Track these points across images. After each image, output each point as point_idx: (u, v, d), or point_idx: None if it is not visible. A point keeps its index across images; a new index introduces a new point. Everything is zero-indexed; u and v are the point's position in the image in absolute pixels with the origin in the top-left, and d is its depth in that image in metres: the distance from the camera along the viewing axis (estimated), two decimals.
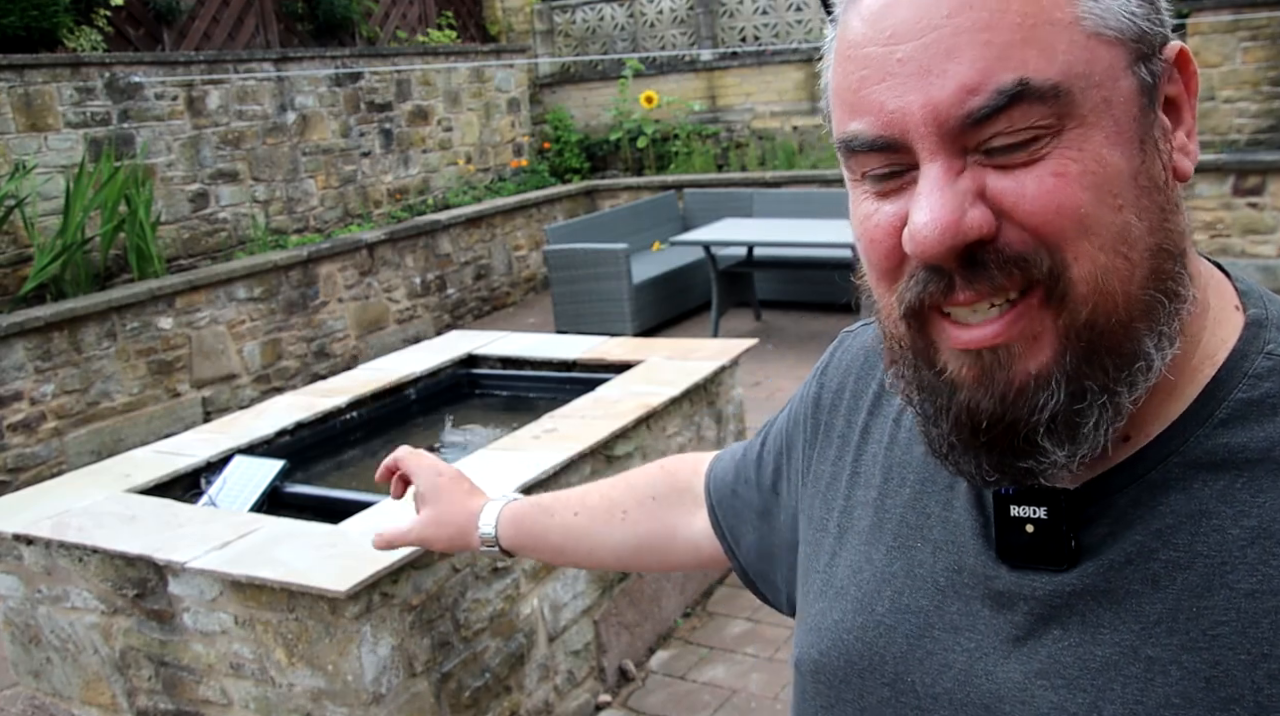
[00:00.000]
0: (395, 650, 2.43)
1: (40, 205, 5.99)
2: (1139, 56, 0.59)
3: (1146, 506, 0.61)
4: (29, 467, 5.37)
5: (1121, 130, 0.58)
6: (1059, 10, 0.57)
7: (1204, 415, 0.61)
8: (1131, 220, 0.58)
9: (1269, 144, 7.41)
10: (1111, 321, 0.58)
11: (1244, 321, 0.64)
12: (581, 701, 3.09)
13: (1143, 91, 0.59)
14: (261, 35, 7.99)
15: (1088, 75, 0.57)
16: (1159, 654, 0.58)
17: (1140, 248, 0.58)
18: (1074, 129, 0.57)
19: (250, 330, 6.62)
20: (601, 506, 1.15)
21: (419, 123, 8.75)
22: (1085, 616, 0.61)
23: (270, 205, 7.44)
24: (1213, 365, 0.62)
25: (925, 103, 0.57)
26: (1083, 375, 0.58)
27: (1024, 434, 0.60)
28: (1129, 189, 0.58)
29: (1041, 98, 0.56)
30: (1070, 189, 0.57)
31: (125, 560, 2.64)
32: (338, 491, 3.24)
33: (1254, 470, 0.59)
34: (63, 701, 2.98)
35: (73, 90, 6.22)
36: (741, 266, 7.32)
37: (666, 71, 10.01)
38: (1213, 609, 0.57)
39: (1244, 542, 0.57)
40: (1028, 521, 0.64)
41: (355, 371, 4.24)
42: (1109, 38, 0.58)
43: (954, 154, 0.58)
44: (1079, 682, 0.61)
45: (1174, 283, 0.60)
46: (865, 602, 0.73)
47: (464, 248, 8.44)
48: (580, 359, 4.05)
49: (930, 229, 0.57)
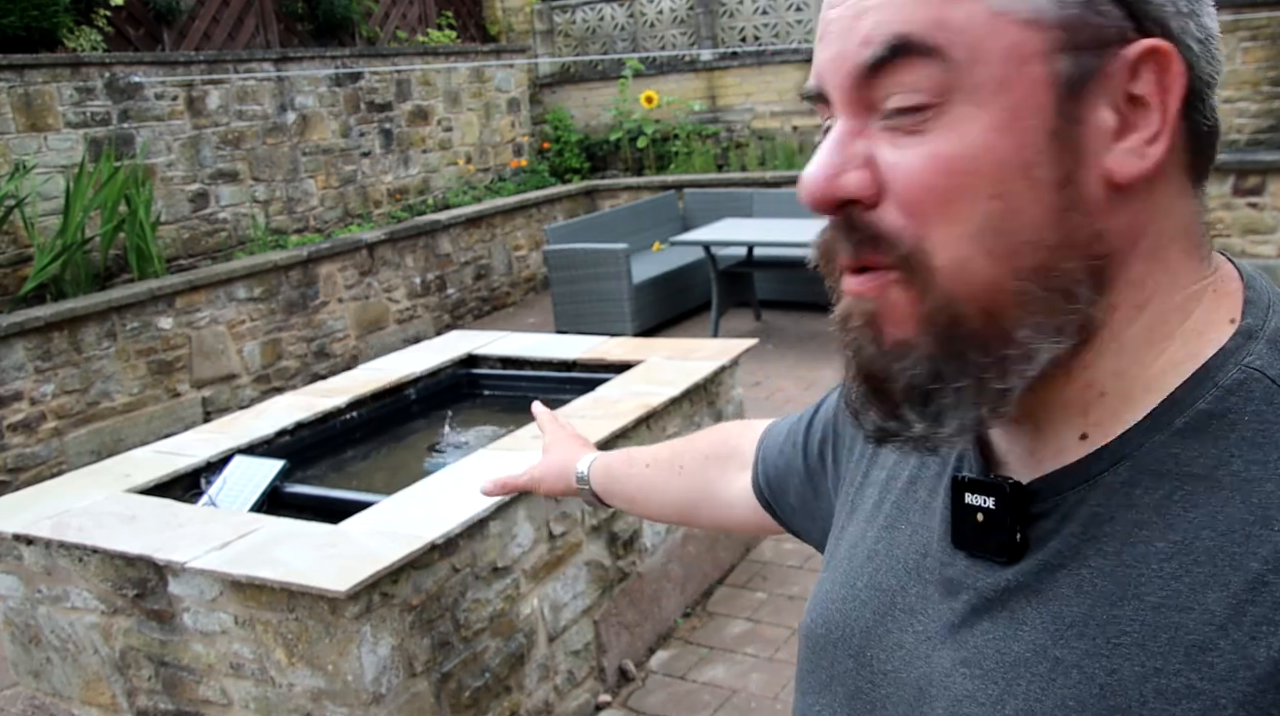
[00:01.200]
0: (395, 650, 2.43)
1: (40, 205, 5.99)
2: (1064, 46, 0.57)
3: (1090, 509, 0.60)
4: (29, 467, 5.37)
5: (1019, 118, 0.57)
6: None
7: (1163, 423, 0.59)
8: (1004, 212, 0.57)
9: (1269, 144, 7.41)
10: (972, 310, 0.58)
11: (1232, 332, 0.61)
12: (581, 701, 3.09)
13: (1060, 82, 0.57)
14: (261, 35, 7.99)
15: (979, 49, 0.56)
16: (1065, 656, 0.59)
17: (1014, 240, 0.57)
18: (962, 106, 0.57)
19: (250, 330, 6.62)
20: (667, 460, 1.23)
21: (419, 123, 8.75)
22: (1014, 612, 0.62)
23: (270, 205, 7.44)
24: (1179, 375, 0.60)
25: (836, 54, 0.61)
26: (940, 357, 0.59)
27: (888, 393, 0.62)
28: (1014, 179, 0.57)
29: (924, 55, 0.57)
30: (942, 173, 0.57)
31: (125, 560, 2.64)
32: (338, 491, 3.24)
33: (1195, 484, 0.57)
34: (63, 701, 2.98)
35: (73, 90, 6.22)
36: (741, 266, 7.32)
37: (666, 71, 10.01)
38: (1120, 618, 0.57)
39: (1164, 556, 0.57)
40: (978, 510, 0.65)
41: (355, 371, 4.24)
42: (1020, 18, 0.56)
43: (858, 112, 0.60)
44: (993, 675, 0.62)
45: (1068, 283, 0.58)
46: (851, 577, 0.76)
47: (464, 248, 8.44)
48: (580, 359, 4.05)
49: (809, 179, 0.61)
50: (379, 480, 3.48)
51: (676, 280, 7.62)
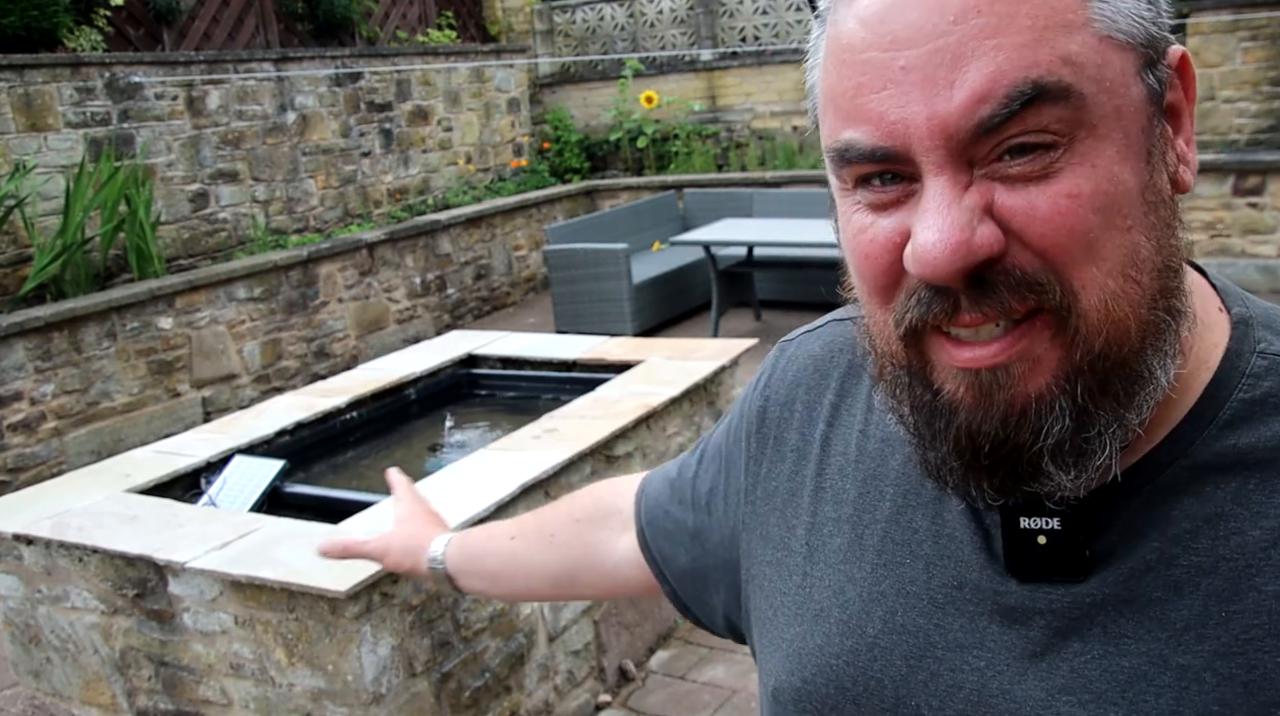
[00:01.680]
0: (395, 650, 2.43)
1: (40, 205, 5.99)
2: (1147, 62, 0.56)
3: (1159, 512, 0.60)
4: (29, 467, 5.37)
5: (1131, 143, 0.55)
6: (1071, 12, 0.53)
7: (1207, 418, 0.60)
8: (1140, 241, 0.56)
9: (1269, 144, 7.41)
10: (1124, 350, 0.56)
11: (1230, 322, 0.63)
12: (581, 701, 3.09)
13: (1151, 99, 0.56)
14: (261, 35, 7.99)
15: (1100, 80, 0.54)
16: (1191, 661, 0.57)
17: (1148, 268, 0.56)
18: (1086, 140, 0.54)
19: (250, 330, 6.62)
20: (535, 530, 1.13)
21: (419, 123, 8.75)
22: (1107, 627, 0.59)
23: (270, 205, 7.44)
24: (1208, 369, 0.61)
25: (931, 114, 0.54)
26: (1093, 403, 0.56)
27: (1028, 458, 0.57)
28: (1138, 207, 0.56)
29: (1055, 100, 0.53)
30: (1083, 211, 0.54)
31: (125, 560, 2.64)
32: (338, 491, 3.24)
33: (1265, 471, 0.58)
34: (63, 701, 2.98)
35: (73, 90, 6.22)
36: (741, 266, 7.32)
37: (666, 71, 10.01)
38: (1243, 612, 0.56)
39: (1266, 544, 0.56)
40: (1039, 532, 0.62)
41: (355, 371, 4.24)
42: (1120, 41, 0.55)
43: (960, 167, 0.55)
44: (1108, 696, 0.58)
45: (1176, 300, 0.58)
46: (853, 624, 0.69)
47: (464, 248, 8.44)
48: (580, 359, 4.05)
49: (939, 249, 0.54)
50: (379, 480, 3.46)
51: (676, 280, 7.62)
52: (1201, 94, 7.56)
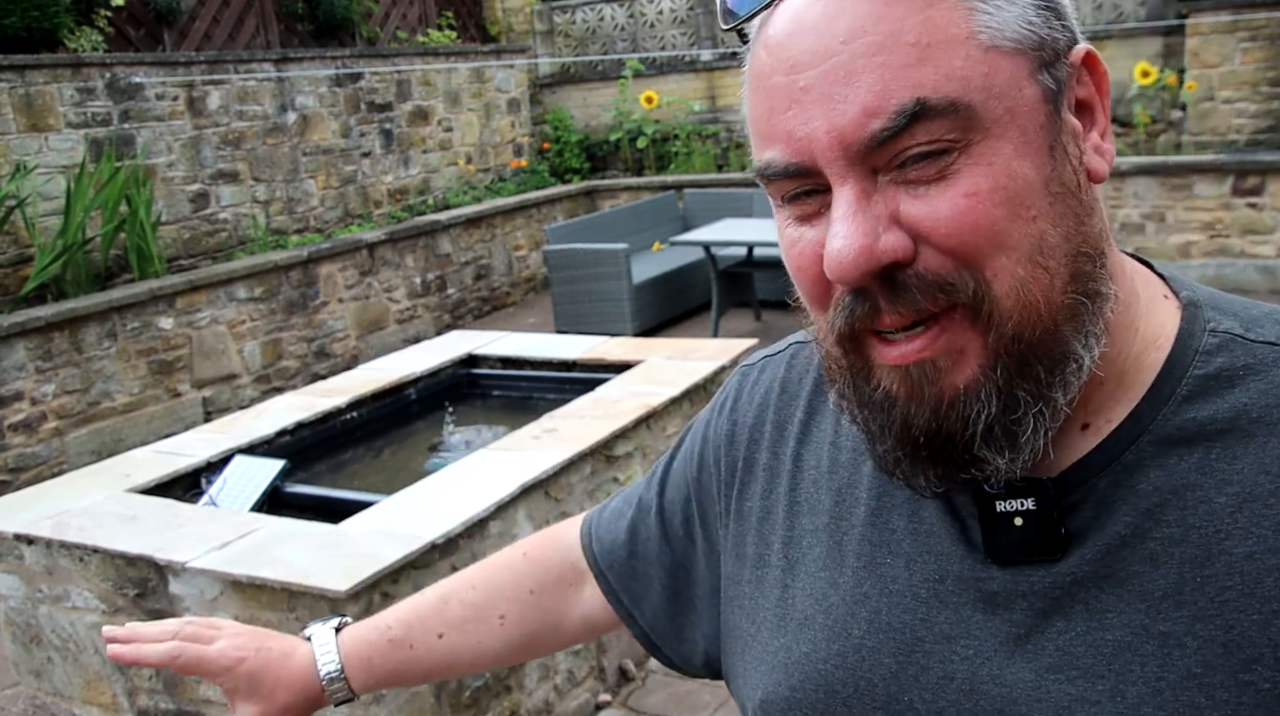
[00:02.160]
0: None
1: (41, 205, 6.00)
2: (1041, 64, 0.59)
3: (1127, 487, 0.62)
4: (30, 467, 5.38)
5: (1029, 139, 0.58)
6: (954, 27, 0.57)
7: (1165, 395, 0.62)
8: (1046, 229, 0.59)
9: (1268, 144, 7.41)
10: (1038, 331, 0.59)
11: (1179, 304, 0.66)
12: (581, 701, 3.10)
13: (1047, 98, 0.60)
14: (262, 35, 7.99)
15: (988, 88, 0.57)
16: (1171, 628, 0.59)
17: (1058, 254, 0.59)
18: (981, 143, 0.57)
19: (250, 330, 6.63)
20: (470, 617, 1.00)
21: (419, 123, 8.76)
22: (1089, 603, 0.62)
23: (270, 205, 7.44)
24: (1158, 349, 0.64)
25: (830, 128, 0.58)
26: (1016, 386, 0.59)
27: (961, 445, 0.61)
28: (1041, 198, 0.59)
29: (942, 114, 0.56)
30: (983, 207, 0.57)
31: (126, 560, 2.64)
32: (338, 491, 3.25)
33: (1225, 439, 0.60)
34: (64, 701, 2.99)
35: (73, 90, 6.23)
36: (741, 266, 7.32)
37: (666, 71, 10.02)
38: (1216, 576, 0.58)
39: (1232, 509, 0.59)
40: (1016, 514, 0.64)
41: (355, 371, 4.24)
42: (1008, 49, 0.58)
43: (864, 176, 0.58)
44: (1095, 670, 0.60)
45: (1094, 283, 0.61)
46: (839, 629, 0.71)
47: (464, 248, 8.45)
48: (580, 359, 4.05)
49: (845, 254, 0.58)
50: (379, 480, 3.48)
51: (676, 280, 7.62)
52: (1201, 94, 7.56)
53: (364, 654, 0.98)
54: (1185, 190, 7.28)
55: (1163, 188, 7.35)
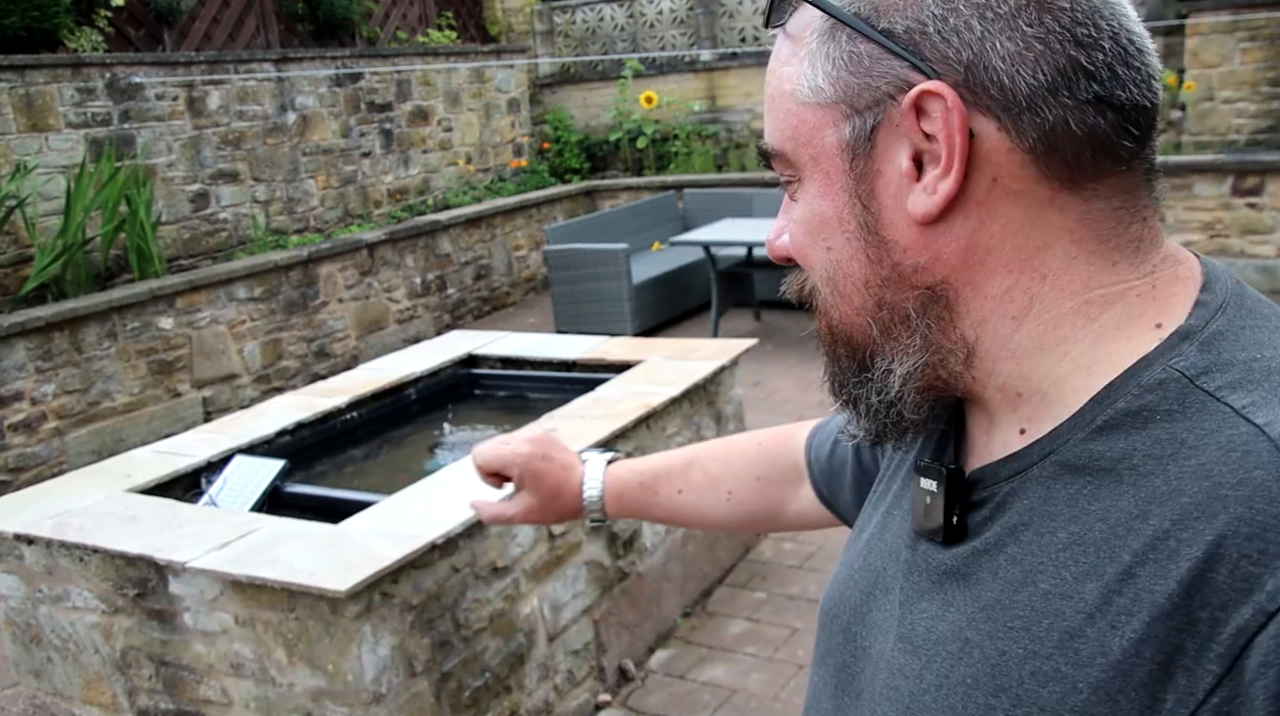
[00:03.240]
0: (395, 650, 2.43)
1: (41, 205, 6.00)
2: (846, 114, 0.65)
3: (1017, 499, 0.64)
4: (30, 467, 5.38)
5: (831, 182, 0.67)
6: (785, 84, 0.69)
7: (1085, 420, 0.62)
8: (838, 261, 0.68)
9: (1268, 144, 7.41)
10: (840, 337, 0.71)
11: (1161, 335, 0.62)
12: (581, 701, 3.10)
13: (848, 147, 0.66)
14: (262, 35, 7.99)
15: (795, 138, 0.69)
16: (973, 636, 0.63)
17: (851, 282, 0.68)
18: (803, 180, 0.70)
19: (250, 330, 6.63)
20: (706, 484, 1.21)
21: (419, 123, 8.76)
22: (946, 594, 0.67)
23: (270, 205, 7.45)
24: (1089, 375, 0.62)
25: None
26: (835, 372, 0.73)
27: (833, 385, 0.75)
28: (836, 234, 0.68)
29: (775, 156, 0.71)
30: (796, 233, 0.71)
31: (126, 560, 2.65)
32: (338, 491, 3.25)
33: (1101, 478, 0.60)
34: (63, 701, 2.99)
35: (73, 90, 6.23)
36: (741, 266, 7.32)
37: (666, 72, 10.02)
38: (1018, 604, 0.61)
39: (1061, 546, 0.60)
40: (928, 493, 0.70)
41: (355, 371, 4.25)
42: (814, 103, 0.67)
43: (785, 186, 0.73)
44: (920, 651, 0.67)
45: (903, 311, 0.66)
46: (853, 559, 0.82)
47: (464, 248, 8.45)
48: (580, 359, 4.05)
49: (768, 243, 0.76)
50: (379, 480, 3.48)
51: (676, 280, 7.62)
52: (1200, 94, 7.56)
53: (618, 489, 1.24)
54: (1185, 190, 7.28)
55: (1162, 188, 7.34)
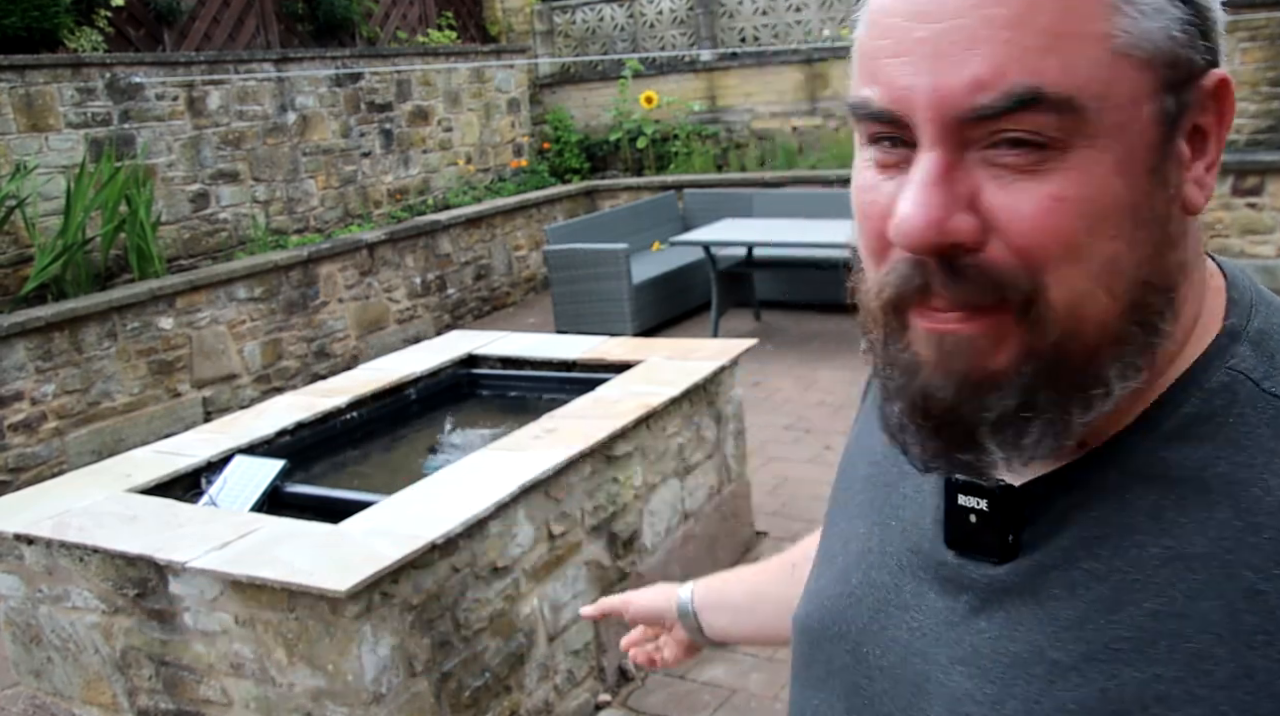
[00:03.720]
0: (395, 650, 2.43)
1: (41, 205, 6.00)
2: (1169, 83, 0.56)
3: (1080, 512, 0.61)
4: (30, 467, 5.37)
5: (1133, 158, 0.56)
6: (1091, 23, 0.54)
7: (1151, 427, 0.60)
8: (1122, 251, 0.56)
9: (1268, 144, 7.41)
10: (1079, 346, 0.57)
11: (1221, 330, 0.62)
12: (581, 701, 3.10)
13: (1164, 120, 0.56)
14: (262, 36, 7.99)
15: (1106, 95, 0.54)
16: (1063, 658, 0.59)
17: (1126, 280, 0.57)
18: (1083, 149, 0.54)
19: (250, 330, 6.63)
20: (775, 565, 1.15)
21: (419, 123, 8.75)
22: (1010, 611, 0.62)
23: (270, 205, 7.44)
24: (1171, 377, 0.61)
25: (935, 87, 0.55)
26: (1037, 389, 0.58)
27: (969, 427, 0.59)
28: (1127, 220, 0.56)
29: (1054, 107, 0.53)
30: (1066, 216, 0.55)
31: (126, 560, 2.64)
32: (338, 491, 3.24)
33: (1183, 489, 0.58)
34: (63, 701, 2.99)
35: (73, 90, 6.23)
36: (741, 266, 7.32)
37: (666, 72, 10.01)
38: (1118, 624, 0.57)
39: (1158, 563, 0.57)
40: (971, 511, 0.65)
41: (355, 371, 4.24)
42: (1139, 59, 0.55)
43: (954, 147, 0.56)
44: (991, 674, 0.62)
45: (1155, 318, 0.58)
46: (845, 573, 0.76)
47: (464, 248, 8.44)
48: (580, 359, 4.05)
49: (914, 222, 0.56)
50: (379, 480, 3.48)
51: (676, 280, 7.62)
52: None
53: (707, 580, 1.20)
54: None
55: None
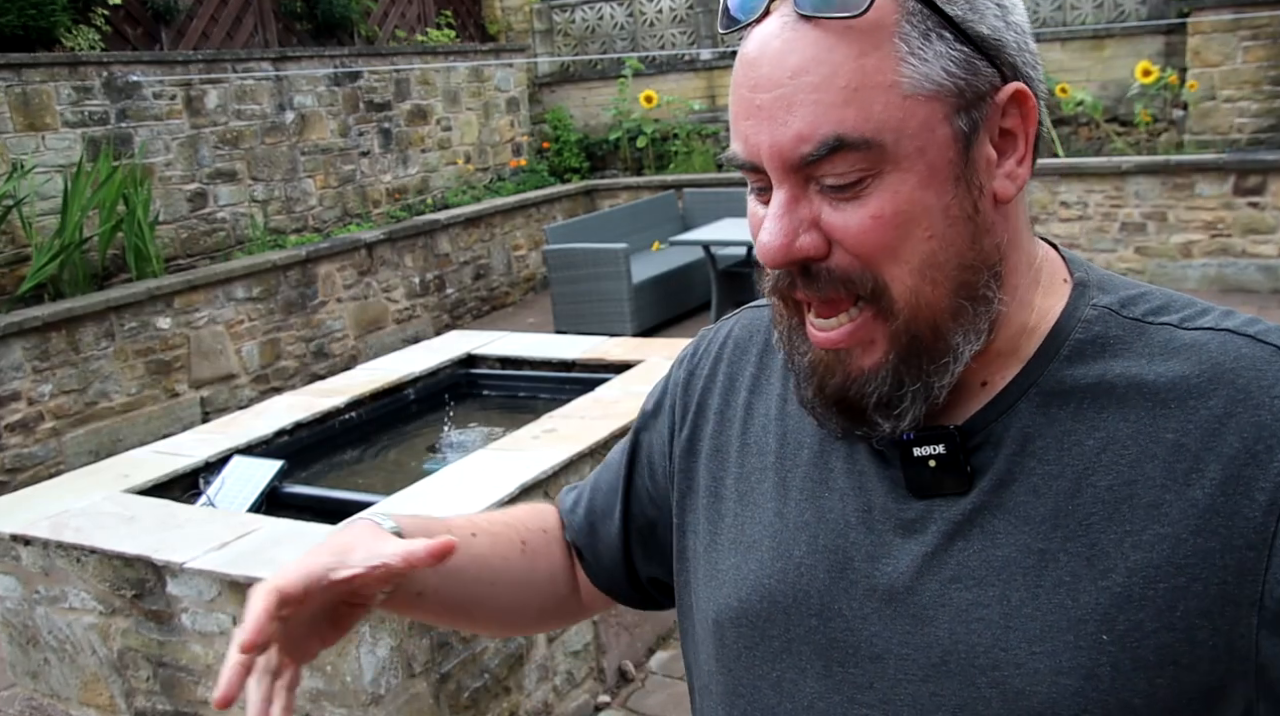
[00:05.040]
0: (394, 651, 2.42)
1: (38, 205, 5.98)
2: (958, 108, 0.70)
3: (1018, 431, 0.75)
4: (27, 468, 5.36)
5: (935, 172, 0.70)
6: (880, 75, 0.68)
7: (1049, 356, 0.76)
8: (937, 248, 0.71)
9: (1270, 143, 7.40)
10: (924, 326, 0.73)
11: (1072, 284, 0.79)
12: (581, 702, 3.09)
13: (958, 138, 0.71)
14: (260, 34, 7.98)
15: (901, 129, 0.69)
16: (1047, 546, 0.72)
17: (946, 268, 0.72)
18: (890, 173, 0.69)
19: (249, 330, 6.61)
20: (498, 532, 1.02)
21: (418, 122, 8.74)
22: (984, 526, 0.75)
23: (269, 205, 7.43)
24: (1046, 322, 0.78)
25: (771, 143, 0.71)
26: (903, 371, 0.74)
27: (858, 409, 0.76)
28: (938, 221, 0.71)
29: (856, 148, 0.69)
30: (884, 228, 0.70)
31: (123, 560, 2.63)
32: (336, 491, 3.23)
33: (1094, 393, 0.74)
34: (61, 702, 2.97)
35: (70, 89, 6.21)
36: (741, 266, 7.31)
37: (666, 71, 10.00)
38: (1084, 504, 0.72)
39: (1098, 449, 0.73)
40: (930, 458, 0.77)
41: (354, 371, 4.23)
42: (925, 96, 0.69)
43: (798, 184, 0.71)
44: (987, 580, 0.74)
45: (982, 289, 0.74)
46: (782, 550, 0.83)
47: (463, 247, 8.43)
48: (580, 359, 4.04)
49: (768, 247, 0.72)
50: (378, 480, 3.47)
51: (676, 280, 7.61)
52: (1202, 93, 7.55)
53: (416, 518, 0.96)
54: (1187, 189, 7.27)
55: (1164, 187, 7.33)
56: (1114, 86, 8.16)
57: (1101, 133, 8.15)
